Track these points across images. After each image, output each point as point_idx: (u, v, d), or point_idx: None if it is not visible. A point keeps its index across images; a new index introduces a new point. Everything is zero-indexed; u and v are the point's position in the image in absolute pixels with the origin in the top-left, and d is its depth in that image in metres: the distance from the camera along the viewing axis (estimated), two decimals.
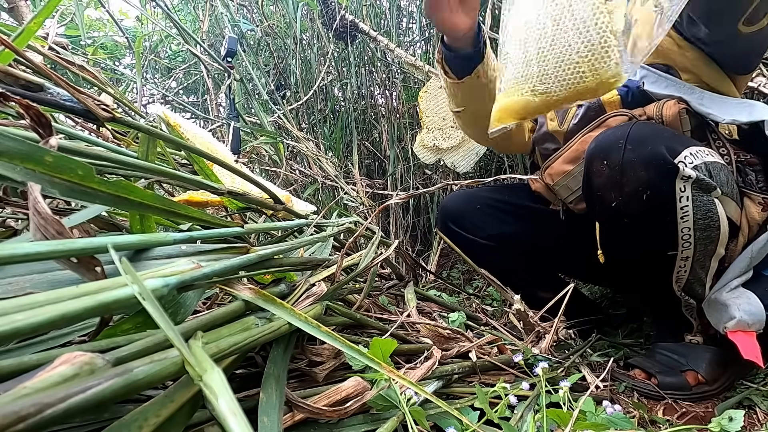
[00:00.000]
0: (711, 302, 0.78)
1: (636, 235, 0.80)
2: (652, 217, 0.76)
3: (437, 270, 1.56)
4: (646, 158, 0.72)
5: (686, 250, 0.76)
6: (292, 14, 1.79)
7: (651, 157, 0.72)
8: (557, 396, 0.52)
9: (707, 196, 0.72)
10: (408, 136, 1.80)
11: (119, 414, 0.29)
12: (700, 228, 0.74)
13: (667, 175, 0.71)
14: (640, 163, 0.73)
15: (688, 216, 0.73)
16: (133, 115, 1.10)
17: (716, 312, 0.77)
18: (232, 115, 1.19)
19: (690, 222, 0.73)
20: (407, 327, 0.72)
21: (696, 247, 0.75)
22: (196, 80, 2.12)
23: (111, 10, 1.55)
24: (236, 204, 0.62)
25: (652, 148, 0.72)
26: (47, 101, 0.44)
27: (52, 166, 0.29)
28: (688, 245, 0.75)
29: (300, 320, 0.36)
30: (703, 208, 0.72)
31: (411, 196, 0.66)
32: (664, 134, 0.74)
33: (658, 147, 0.71)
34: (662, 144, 0.71)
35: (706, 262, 0.78)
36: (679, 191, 0.71)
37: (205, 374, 0.23)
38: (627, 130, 0.75)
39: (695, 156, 0.72)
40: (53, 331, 0.31)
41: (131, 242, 0.33)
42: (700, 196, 0.72)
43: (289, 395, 0.39)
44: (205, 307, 0.54)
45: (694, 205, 0.72)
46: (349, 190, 1.55)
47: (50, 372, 0.20)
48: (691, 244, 0.75)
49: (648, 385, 0.83)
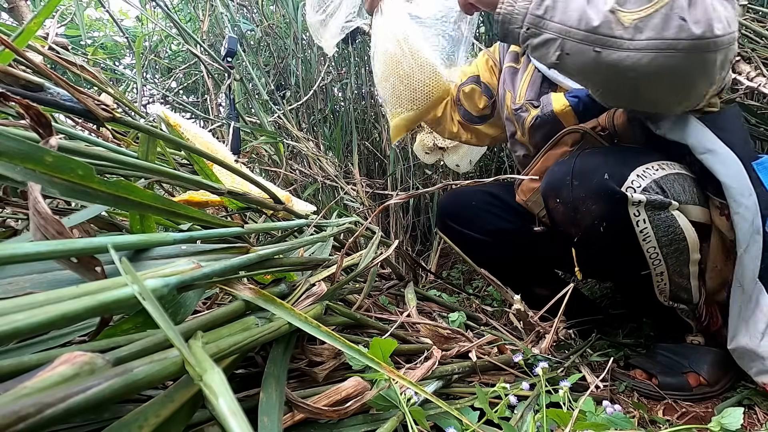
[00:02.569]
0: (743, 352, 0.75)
1: (606, 259, 0.82)
2: (614, 245, 0.75)
3: (437, 270, 1.56)
4: (594, 192, 0.72)
5: (658, 266, 0.75)
6: (292, 14, 1.79)
7: (598, 190, 0.71)
8: (557, 396, 0.52)
9: (664, 212, 0.71)
10: (408, 136, 1.80)
11: (119, 414, 0.29)
12: (666, 244, 0.73)
13: (617, 205, 0.70)
14: (590, 198, 0.73)
15: (649, 237, 0.72)
16: (133, 115, 1.10)
17: (750, 361, 0.75)
18: (232, 115, 1.19)
19: (653, 242, 0.72)
20: (407, 327, 0.72)
21: (667, 262, 0.75)
22: (196, 80, 2.12)
23: (111, 10, 1.55)
24: (236, 204, 0.62)
25: (598, 180, 0.71)
26: (47, 101, 0.44)
27: (52, 166, 0.29)
28: (659, 262, 0.74)
29: (300, 320, 0.36)
30: (662, 225, 0.71)
31: (411, 196, 0.66)
32: (609, 160, 0.73)
33: (602, 178, 0.71)
34: (607, 173, 0.70)
35: (683, 270, 0.77)
36: (634, 216, 0.70)
37: (205, 374, 0.23)
38: (572, 164, 0.75)
39: (643, 176, 0.70)
40: (53, 331, 0.31)
41: (131, 242, 0.33)
42: (656, 215, 0.71)
43: (289, 395, 0.39)
44: (205, 307, 0.54)
45: (653, 225, 0.71)
46: (349, 190, 1.55)
47: (50, 372, 0.20)
48: (661, 260, 0.74)
49: (648, 385, 0.83)
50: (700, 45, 0.60)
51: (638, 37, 0.62)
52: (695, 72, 0.65)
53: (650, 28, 0.61)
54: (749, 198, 0.71)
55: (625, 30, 0.63)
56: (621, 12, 0.63)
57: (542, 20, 0.68)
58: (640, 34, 0.62)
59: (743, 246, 0.72)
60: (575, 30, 0.65)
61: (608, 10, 0.63)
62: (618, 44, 0.63)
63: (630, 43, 0.63)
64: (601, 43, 0.64)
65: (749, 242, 0.71)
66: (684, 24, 0.60)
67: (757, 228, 0.72)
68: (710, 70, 0.64)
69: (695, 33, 0.60)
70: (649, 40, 0.62)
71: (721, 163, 0.73)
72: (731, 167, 0.72)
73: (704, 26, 0.60)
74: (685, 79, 0.66)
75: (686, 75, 0.65)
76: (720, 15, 0.61)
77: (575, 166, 0.74)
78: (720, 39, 0.61)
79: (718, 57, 0.63)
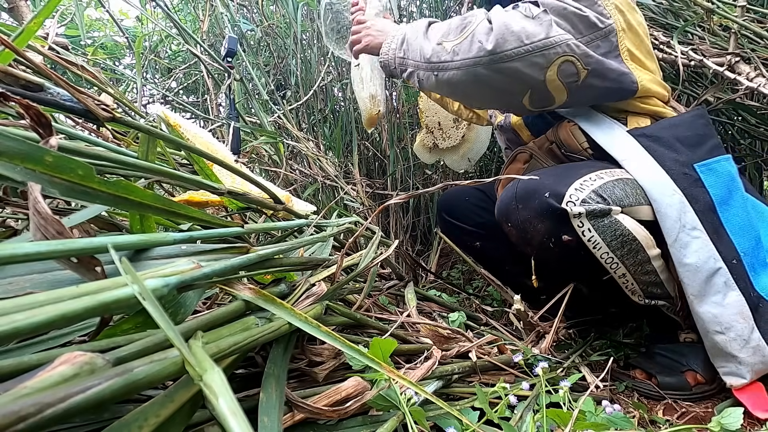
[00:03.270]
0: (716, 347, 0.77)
1: (567, 270, 0.88)
2: (569, 257, 0.79)
3: (437, 270, 1.56)
4: (537, 212, 0.77)
5: (618, 269, 0.78)
6: (292, 14, 1.79)
7: (540, 210, 0.76)
8: (557, 396, 0.52)
9: (607, 218, 0.74)
10: (408, 136, 1.80)
11: (119, 414, 0.29)
12: (617, 247, 0.75)
13: (560, 220, 0.74)
14: (534, 218, 0.78)
15: (599, 243, 0.75)
16: (133, 115, 1.10)
17: (724, 361, 0.77)
18: (232, 115, 1.19)
19: (604, 247, 0.75)
20: (407, 327, 0.72)
21: (625, 263, 0.77)
22: (196, 80, 2.11)
23: (111, 10, 1.55)
24: (236, 204, 0.62)
25: (539, 201, 0.76)
26: (47, 101, 0.44)
27: (52, 166, 0.29)
28: (617, 265, 0.77)
29: (300, 320, 0.36)
30: (608, 231, 0.74)
31: (411, 196, 0.66)
32: (548, 180, 0.77)
33: (543, 198, 0.76)
34: (546, 192, 0.76)
35: (646, 267, 0.79)
36: (578, 227, 0.74)
37: (205, 374, 0.23)
38: (515, 189, 0.82)
39: (581, 189, 0.74)
40: (53, 331, 0.31)
41: (131, 242, 0.33)
42: (599, 222, 0.74)
43: (289, 395, 0.39)
44: (205, 307, 0.54)
45: (599, 232, 0.74)
46: (349, 190, 1.55)
47: (50, 372, 0.20)
48: (618, 263, 0.77)
49: (648, 385, 0.83)
50: (495, 58, 0.77)
51: (456, 59, 0.80)
52: (503, 79, 0.79)
53: (462, 51, 0.80)
54: (671, 197, 0.77)
55: (448, 54, 0.82)
56: (445, 42, 0.83)
57: (403, 60, 0.89)
58: (457, 56, 0.80)
59: (670, 240, 0.76)
60: (420, 62, 0.86)
61: (436, 43, 0.84)
62: (445, 66, 0.82)
63: (452, 64, 0.81)
64: (436, 68, 0.84)
65: (677, 237, 0.76)
66: (481, 45, 0.77)
67: (688, 224, 0.76)
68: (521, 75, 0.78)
69: (488, 48, 0.77)
70: (463, 60, 0.80)
71: (638, 168, 0.80)
72: (648, 170, 0.79)
73: (494, 44, 0.76)
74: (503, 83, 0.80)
75: (500, 80, 0.79)
76: (514, 31, 0.75)
77: (518, 191, 0.81)
78: (512, 51, 0.76)
79: (520, 64, 0.76)
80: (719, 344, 0.75)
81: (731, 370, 0.76)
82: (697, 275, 0.75)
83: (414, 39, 0.88)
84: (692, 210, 0.76)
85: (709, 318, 0.76)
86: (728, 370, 0.76)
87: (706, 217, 0.77)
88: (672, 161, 0.80)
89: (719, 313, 0.75)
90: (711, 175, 0.80)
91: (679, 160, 0.80)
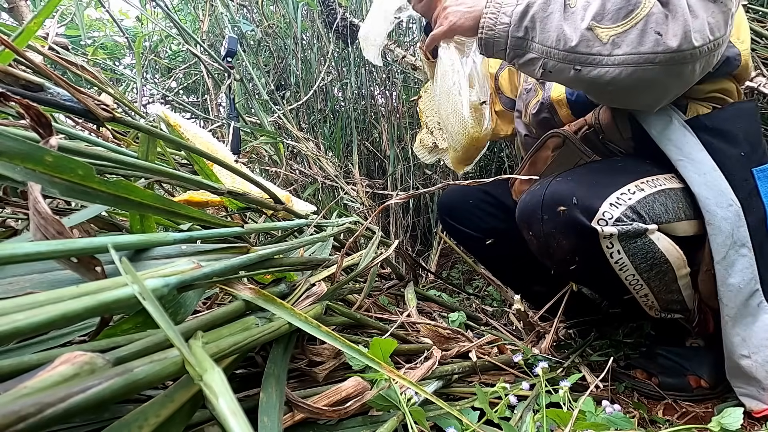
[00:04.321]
0: (739, 369, 0.71)
1: (585, 285, 0.82)
2: (590, 275, 0.74)
3: (437, 270, 1.56)
4: (564, 227, 0.69)
5: (641, 290, 0.72)
6: (292, 14, 1.79)
7: (568, 225, 0.68)
8: (557, 396, 0.52)
9: (641, 239, 0.67)
10: (408, 136, 1.80)
11: (119, 414, 0.29)
12: (645, 270, 0.69)
13: (588, 240, 0.67)
14: (560, 233, 0.70)
15: (626, 266, 0.68)
16: (133, 115, 1.10)
17: (745, 383, 0.71)
18: (232, 115, 1.19)
19: (631, 269, 0.69)
20: (407, 327, 0.72)
21: (650, 285, 0.71)
22: (196, 80, 2.11)
23: (111, 10, 1.55)
24: (236, 204, 0.62)
25: (569, 214, 0.68)
26: (47, 101, 0.44)
27: (52, 166, 0.29)
28: (641, 286, 0.71)
29: (300, 320, 0.36)
30: (639, 253, 0.68)
31: (411, 196, 0.66)
32: (580, 190, 0.69)
33: (573, 211, 0.67)
34: (578, 205, 0.67)
35: (671, 287, 0.73)
36: (607, 248, 0.67)
37: (205, 374, 0.23)
38: (542, 195, 0.72)
39: (617, 204, 0.66)
40: (53, 331, 0.31)
41: (131, 242, 0.33)
42: (631, 244, 0.67)
43: (289, 395, 0.39)
44: (205, 306, 0.54)
45: (629, 255, 0.67)
46: (349, 190, 1.55)
47: (50, 372, 0.20)
48: (643, 284, 0.71)
49: (648, 385, 0.83)
50: (677, 57, 0.61)
51: (616, 53, 0.63)
52: (672, 81, 0.65)
53: (627, 44, 0.62)
54: (727, 209, 0.68)
55: (603, 46, 0.63)
56: (599, 28, 0.63)
57: (524, 41, 0.69)
58: (618, 49, 0.63)
59: (718, 257, 0.69)
60: (555, 50, 0.66)
61: (585, 27, 0.64)
62: (597, 61, 0.64)
63: (608, 59, 0.63)
64: (580, 61, 0.65)
65: (726, 254, 0.68)
66: (660, 38, 0.60)
67: (739, 240, 0.68)
68: (688, 78, 0.65)
69: (671, 46, 0.60)
70: (626, 55, 0.62)
71: (695, 171, 0.70)
72: (706, 175, 0.69)
73: (680, 39, 0.60)
74: (663, 88, 0.66)
75: (663, 85, 0.65)
76: (700, 24, 0.60)
77: (545, 198, 0.71)
78: (698, 50, 0.60)
79: (697, 66, 0.63)
80: (744, 367, 0.70)
81: (752, 393, 0.71)
82: (738, 296, 0.69)
83: (545, 15, 0.67)
84: (746, 224, 0.68)
85: (737, 341, 0.70)
86: (748, 393, 0.71)
87: (756, 232, 0.69)
88: (735, 163, 0.71)
89: (748, 335, 0.69)
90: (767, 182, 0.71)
91: (741, 162, 0.71)
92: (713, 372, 0.80)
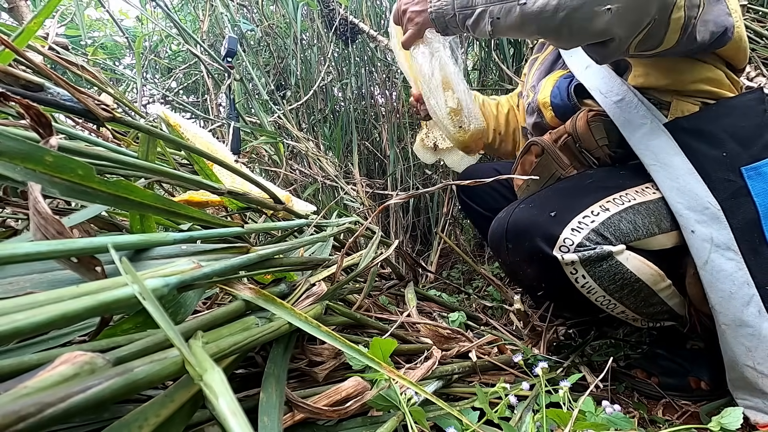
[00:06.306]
0: (744, 380, 0.68)
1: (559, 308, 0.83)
2: (560, 299, 0.74)
3: (437, 270, 1.56)
4: (527, 256, 0.69)
5: (615, 308, 0.71)
6: (292, 14, 1.79)
7: (530, 254, 0.68)
8: (557, 396, 0.52)
9: (606, 262, 0.65)
10: (408, 136, 1.80)
11: (119, 414, 0.29)
12: (616, 290, 0.68)
13: (551, 267, 0.66)
14: (524, 262, 0.70)
15: (593, 289, 0.67)
16: (133, 115, 1.10)
17: (749, 395, 0.69)
18: (232, 115, 1.19)
19: (600, 292, 0.68)
20: (407, 327, 0.72)
21: (624, 303, 0.70)
22: (196, 80, 2.12)
23: (111, 10, 1.55)
24: (236, 204, 0.62)
25: (530, 243, 0.68)
26: (47, 101, 0.44)
27: (52, 166, 0.29)
28: (614, 305, 0.70)
29: (300, 320, 0.36)
30: (606, 276, 0.66)
31: (411, 196, 0.66)
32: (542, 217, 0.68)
33: (534, 240, 0.67)
34: (540, 232, 0.67)
35: (651, 300, 0.71)
36: (571, 274, 0.66)
37: (205, 374, 0.23)
38: (506, 223, 0.72)
39: (579, 229, 0.65)
40: (53, 331, 0.31)
41: (131, 242, 0.33)
42: (597, 268, 0.65)
43: (289, 395, 0.39)
44: (205, 306, 0.54)
45: (595, 278, 0.66)
46: (349, 190, 1.55)
47: (50, 372, 0.20)
48: (616, 303, 0.70)
49: (648, 384, 0.83)
50: None
51: None
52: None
53: None
54: (702, 213, 0.67)
55: None
56: None
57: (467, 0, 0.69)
58: None
59: (700, 262, 0.67)
60: None
61: None
62: None
63: None
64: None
65: (707, 258, 0.66)
66: None
67: (722, 244, 0.66)
68: None
69: None
70: None
71: (667, 177, 0.69)
72: (679, 179, 0.68)
73: None
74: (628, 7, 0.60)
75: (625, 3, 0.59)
76: None
77: (509, 227, 0.72)
78: None
79: None
80: (749, 379, 0.67)
81: (757, 405, 0.68)
82: (731, 303, 0.66)
83: None
84: (728, 227, 0.66)
85: (741, 351, 0.67)
86: (753, 405, 0.69)
87: (744, 234, 0.66)
88: (714, 164, 0.68)
89: (753, 346, 0.66)
90: (760, 180, 0.68)
91: (723, 162, 0.68)
92: (714, 374, 0.80)
